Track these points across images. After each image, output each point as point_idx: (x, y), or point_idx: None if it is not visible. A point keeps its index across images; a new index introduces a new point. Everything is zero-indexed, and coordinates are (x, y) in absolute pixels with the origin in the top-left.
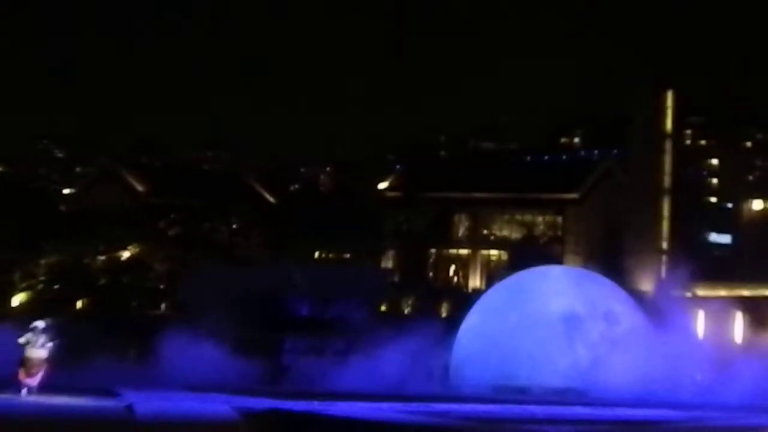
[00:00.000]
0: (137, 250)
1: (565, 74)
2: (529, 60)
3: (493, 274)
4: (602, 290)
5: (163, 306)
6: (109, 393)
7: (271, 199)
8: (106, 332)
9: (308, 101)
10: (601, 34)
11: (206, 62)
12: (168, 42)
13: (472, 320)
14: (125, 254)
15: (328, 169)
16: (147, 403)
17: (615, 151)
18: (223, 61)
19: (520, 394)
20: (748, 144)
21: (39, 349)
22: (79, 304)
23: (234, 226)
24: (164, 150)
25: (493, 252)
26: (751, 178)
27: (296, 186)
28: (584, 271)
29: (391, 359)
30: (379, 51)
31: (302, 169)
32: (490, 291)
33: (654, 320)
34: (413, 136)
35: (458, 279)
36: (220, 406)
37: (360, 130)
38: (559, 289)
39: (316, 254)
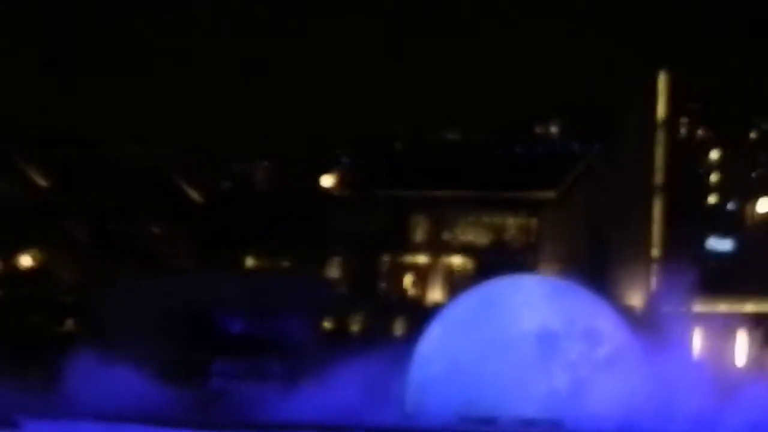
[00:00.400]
0: (38, 256)
1: (541, 53)
2: (499, 36)
3: (456, 286)
4: (583, 304)
5: (70, 323)
6: (7, 422)
7: (199, 199)
8: (3, 354)
9: (243, 88)
10: (584, 9)
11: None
12: (92, 25)
13: (431, 339)
14: (24, 261)
15: (265, 164)
16: None
17: (599, 143)
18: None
19: (487, 426)
20: (753, 135)
21: None
22: None
23: (155, 230)
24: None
25: (457, 260)
26: (755, 174)
27: (228, 184)
28: (562, 282)
29: (337, 385)
30: (319, 32)
31: (235, 165)
32: (453, 305)
33: (644, 340)
34: (363, 126)
35: (416, 291)
36: None
37: (301, 121)
38: (533, 303)
39: (251, 262)
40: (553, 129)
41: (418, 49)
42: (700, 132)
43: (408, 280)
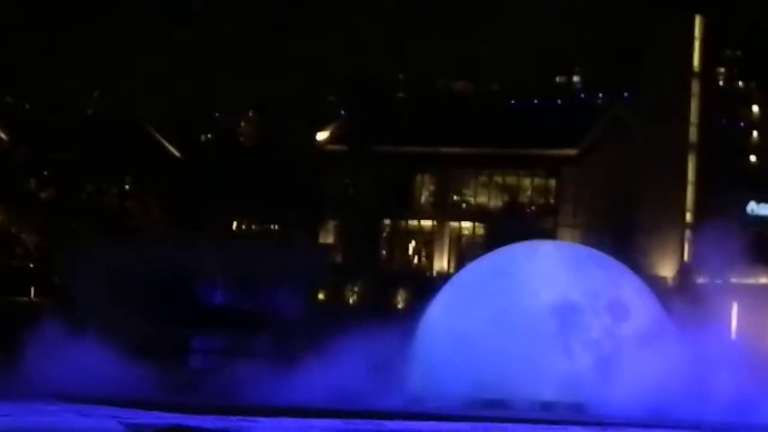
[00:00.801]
0: None
1: None
2: None
3: (465, 254)
4: (607, 274)
5: (32, 292)
6: None
7: (177, 153)
8: None
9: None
10: None
11: None
12: None
13: (436, 313)
14: None
15: (250, 114)
16: (12, 417)
17: (626, 94)
18: None
19: (499, 410)
20: None
21: None
22: None
23: (127, 188)
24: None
25: (466, 224)
26: None
27: (209, 136)
28: (584, 249)
29: (333, 363)
30: None
31: (217, 115)
32: (461, 274)
33: (675, 315)
34: (363, 72)
35: (420, 259)
36: (106, 421)
37: (293, 63)
38: (551, 272)
39: (235, 226)
40: (575, 79)
41: None
42: (739, 84)
43: (411, 247)
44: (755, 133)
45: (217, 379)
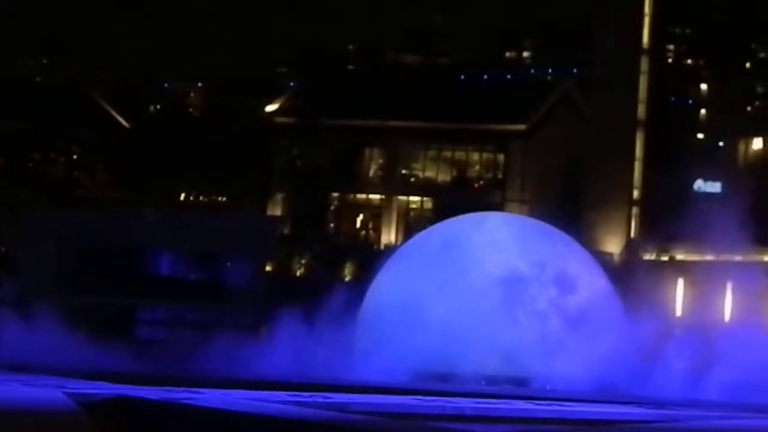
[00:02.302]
0: None
1: None
2: None
3: (413, 227)
4: (554, 246)
5: None
6: None
7: (125, 123)
8: None
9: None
10: None
11: None
12: None
13: (382, 285)
14: None
15: (200, 85)
16: None
17: (575, 70)
18: None
19: (444, 383)
20: (748, 65)
21: None
22: None
23: (74, 157)
24: None
25: (414, 198)
26: (750, 109)
27: (157, 107)
28: (531, 221)
29: (279, 335)
30: None
31: (166, 85)
32: (407, 245)
33: (620, 291)
34: (312, 43)
35: (368, 232)
36: (51, 392)
37: (242, 35)
38: (498, 243)
39: (182, 196)
40: (525, 54)
41: None
42: (689, 61)
43: (359, 220)
44: (703, 111)
45: (164, 351)
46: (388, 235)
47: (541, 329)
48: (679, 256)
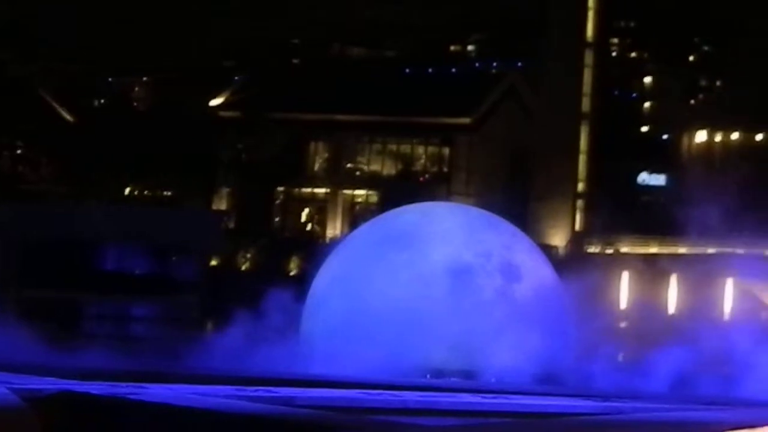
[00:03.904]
0: None
1: None
2: None
3: (358, 221)
4: (500, 236)
5: None
6: None
7: (68, 117)
8: None
9: None
10: None
11: None
12: None
13: (327, 276)
14: None
15: (145, 79)
16: None
17: (520, 63)
18: None
19: (389, 376)
20: (692, 58)
21: None
22: None
23: (18, 152)
24: None
25: (359, 192)
26: (694, 102)
27: (102, 101)
28: (477, 211)
29: (223, 330)
30: None
31: (110, 79)
32: (352, 236)
33: (566, 284)
34: (257, 37)
35: (313, 226)
36: None
37: (187, 29)
38: (444, 233)
39: (127, 191)
40: (470, 47)
41: None
42: (633, 54)
43: (305, 214)
44: (647, 104)
45: (109, 345)
46: (334, 229)
47: (487, 320)
48: (624, 249)
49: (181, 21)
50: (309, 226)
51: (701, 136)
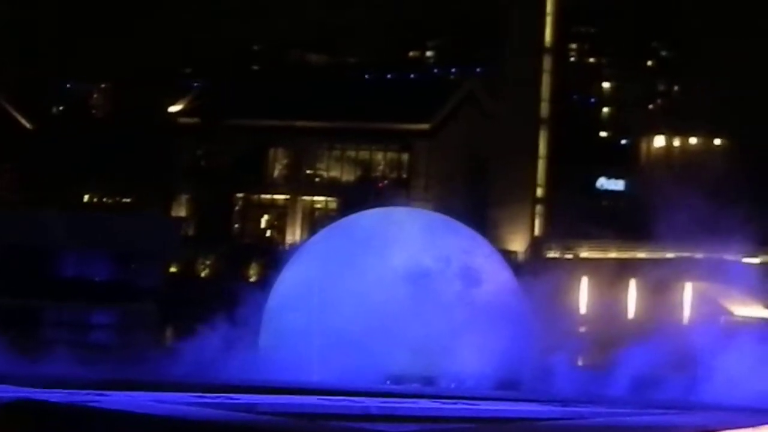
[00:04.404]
0: None
1: None
2: None
3: (317, 227)
4: (460, 240)
5: None
6: None
7: (27, 124)
8: None
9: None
10: None
11: None
12: None
13: (286, 282)
14: None
15: (103, 85)
16: None
17: (479, 69)
18: None
19: (350, 382)
20: (650, 63)
21: None
22: None
23: None
24: None
25: (319, 198)
26: (652, 107)
27: (60, 107)
28: (436, 215)
29: (183, 336)
30: None
31: (69, 85)
32: (311, 241)
33: (525, 289)
34: (216, 43)
35: (273, 232)
36: None
37: (145, 35)
38: (403, 238)
39: (86, 197)
40: (429, 53)
41: None
42: (591, 59)
43: (264, 220)
44: (606, 109)
45: (68, 353)
46: (293, 235)
47: (447, 324)
48: (583, 254)
49: (140, 26)
50: (268, 233)
51: (660, 141)
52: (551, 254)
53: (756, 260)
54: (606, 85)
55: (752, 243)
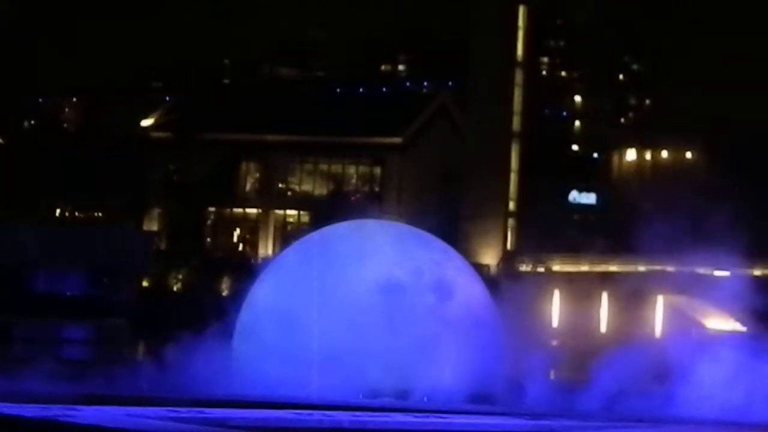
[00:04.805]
0: None
1: None
2: None
3: (290, 241)
4: (432, 253)
5: None
6: None
7: None
8: None
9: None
10: None
11: None
12: None
13: (258, 295)
14: None
15: (74, 99)
16: None
17: (450, 83)
18: None
19: (322, 396)
20: (621, 77)
21: None
22: None
23: None
24: None
25: (291, 212)
26: (623, 120)
27: (32, 122)
28: (408, 228)
29: (155, 350)
30: None
31: (40, 100)
32: (283, 254)
33: (498, 303)
34: (188, 57)
35: (245, 247)
36: None
37: (118, 48)
38: (375, 250)
39: (59, 212)
40: (401, 67)
41: None
42: (563, 73)
43: (236, 234)
44: (577, 123)
45: (40, 368)
46: (266, 249)
47: (419, 337)
48: (556, 267)
49: (111, 41)
50: (240, 247)
51: (631, 154)
52: (524, 268)
53: (727, 273)
54: (577, 98)
55: (724, 256)
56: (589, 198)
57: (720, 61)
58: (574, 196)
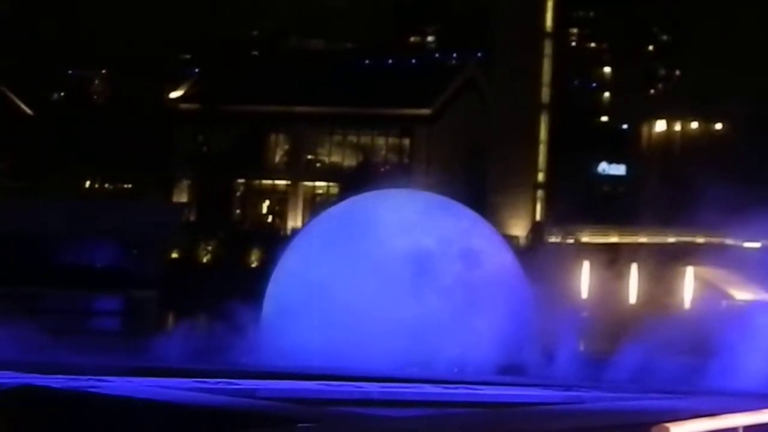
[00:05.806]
0: None
1: None
2: None
3: (318, 212)
4: (460, 222)
5: None
6: None
7: (28, 110)
8: None
9: None
10: None
11: None
12: None
13: (287, 266)
14: None
15: (103, 71)
16: None
17: (479, 54)
18: None
19: (351, 367)
20: (651, 48)
21: None
22: None
23: None
24: None
25: (320, 184)
26: (653, 92)
27: (61, 94)
28: (436, 197)
29: (184, 321)
30: None
31: (69, 71)
32: (311, 224)
33: (527, 274)
34: (216, 29)
35: (274, 218)
36: None
37: (146, 22)
38: (404, 220)
39: (87, 184)
40: (429, 38)
41: None
42: (591, 44)
43: (265, 206)
44: (606, 94)
45: (69, 339)
46: (294, 221)
47: (448, 306)
48: (585, 239)
49: (139, 13)
50: (269, 219)
51: (660, 125)
52: (553, 239)
53: (757, 245)
54: (606, 69)
55: (753, 227)
56: (618, 169)
57: (749, 32)
58: (603, 167)
